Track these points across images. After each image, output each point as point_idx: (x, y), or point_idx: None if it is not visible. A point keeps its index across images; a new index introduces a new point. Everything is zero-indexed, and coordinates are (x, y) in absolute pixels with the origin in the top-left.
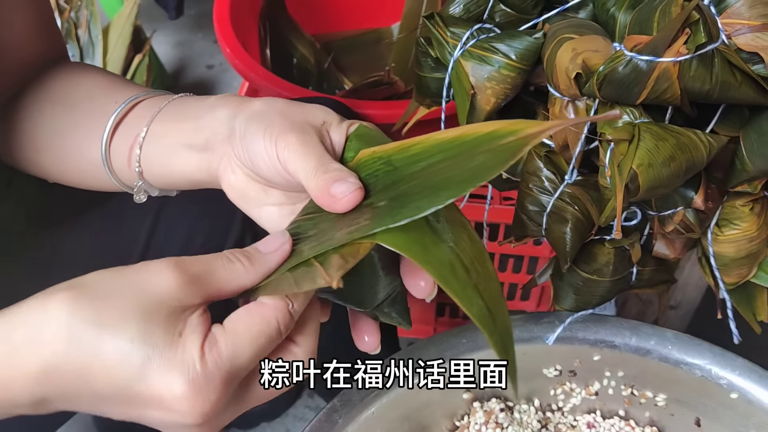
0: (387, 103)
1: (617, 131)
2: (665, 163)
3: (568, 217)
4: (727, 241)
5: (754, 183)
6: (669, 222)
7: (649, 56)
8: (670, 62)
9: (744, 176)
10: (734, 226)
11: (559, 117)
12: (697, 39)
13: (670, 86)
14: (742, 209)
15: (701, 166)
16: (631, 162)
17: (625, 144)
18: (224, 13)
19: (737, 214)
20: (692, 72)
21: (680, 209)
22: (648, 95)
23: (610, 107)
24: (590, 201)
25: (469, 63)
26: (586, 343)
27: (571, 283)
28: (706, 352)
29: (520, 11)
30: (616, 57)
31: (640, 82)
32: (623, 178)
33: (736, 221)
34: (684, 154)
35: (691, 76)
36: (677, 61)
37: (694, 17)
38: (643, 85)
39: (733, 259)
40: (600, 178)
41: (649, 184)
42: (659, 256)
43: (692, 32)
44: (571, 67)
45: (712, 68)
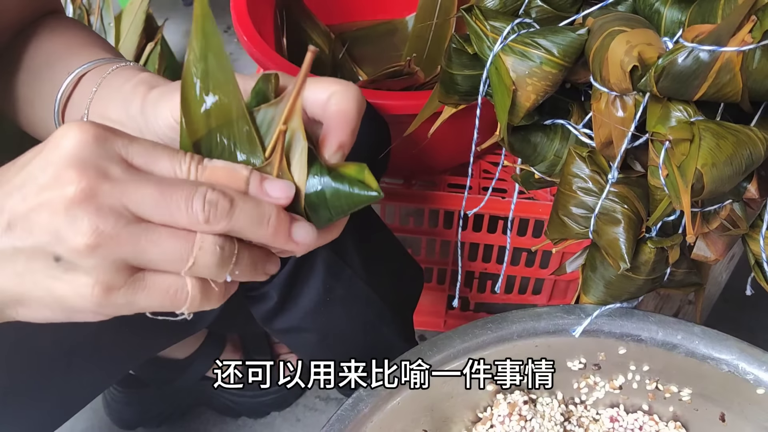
0: (406, 94)
1: (676, 130)
2: (727, 161)
3: (619, 217)
4: None
5: None
6: (714, 218)
7: (712, 46)
8: (733, 52)
9: None
10: None
11: (605, 113)
12: (765, 25)
13: (732, 79)
14: None
15: (759, 162)
16: (696, 162)
17: (685, 144)
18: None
19: None
20: (756, 64)
21: (728, 203)
22: (708, 89)
23: (663, 103)
24: (637, 199)
25: (509, 58)
26: (612, 336)
27: (604, 277)
28: (734, 348)
29: (557, 8)
30: (677, 48)
31: (700, 75)
32: (688, 179)
33: None
34: (744, 151)
35: (754, 68)
36: (741, 50)
37: (762, 2)
38: (704, 78)
39: None
40: (651, 177)
41: (714, 184)
42: (699, 259)
43: (759, 19)
44: (627, 60)
45: None
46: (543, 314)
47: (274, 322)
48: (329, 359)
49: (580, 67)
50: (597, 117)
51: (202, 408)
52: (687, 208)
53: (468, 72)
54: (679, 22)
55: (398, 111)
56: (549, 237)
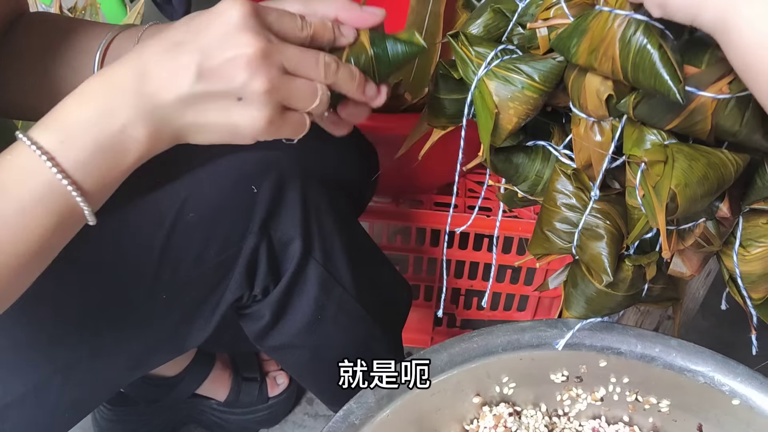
0: (394, 116)
1: (651, 153)
2: (700, 182)
3: (602, 232)
4: (754, 259)
5: None
6: (689, 236)
7: (692, 88)
8: (709, 98)
9: (764, 193)
10: (759, 244)
11: (585, 137)
12: (742, 84)
13: (703, 120)
14: (765, 227)
15: (730, 183)
16: (670, 182)
17: (660, 165)
18: None
19: (761, 231)
20: (727, 111)
21: (702, 221)
22: (679, 123)
23: (638, 127)
24: (618, 216)
25: (493, 82)
26: (593, 349)
27: (585, 293)
28: (709, 360)
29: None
30: None
31: (675, 110)
32: (663, 198)
33: (761, 239)
34: (715, 172)
35: (725, 114)
36: (717, 98)
37: None
38: (678, 113)
39: (761, 275)
40: (628, 198)
41: (687, 203)
42: (675, 274)
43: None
44: (603, 89)
45: (745, 111)
46: (527, 328)
47: (266, 340)
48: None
49: (560, 91)
50: (577, 141)
51: (192, 426)
52: (662, 226)
53: (454, 96)
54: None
55: (386, 132)
56: (532, 252)
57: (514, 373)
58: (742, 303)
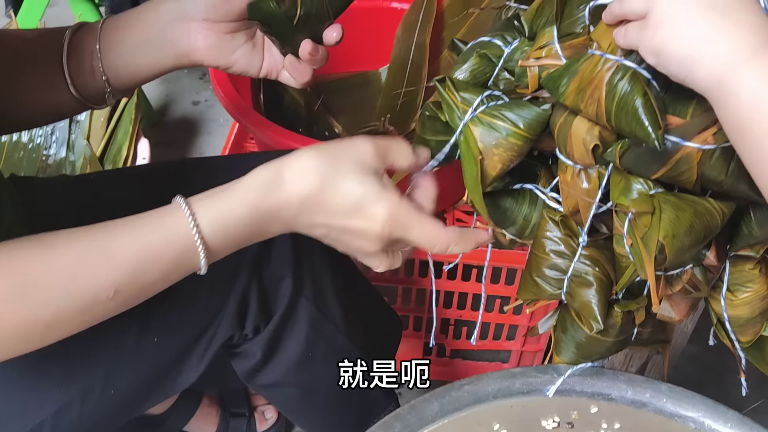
0: None
1: (638, 203)
2: (687, 232)
3: (591, 279)
4: (741, 303)
5: (757, 247)
6: (677, 281)
7: (677, 138)
8: (695, 148)
9: (750, 240)
10: (746, 288)
11: (571, 184)
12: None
13: (688, 170)
14: (752, 272)
15: (716, 232)
16: (657, 234)
17: (647, 216)
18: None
19: (748, 277)
20: (712, 161)
21: (689, 267)
22: (665, 173)
23: (624, 176)
24: (607, 261)
25: (478, 128)
26: (584, 395)
27: (575, 338)
28: (699, 405)
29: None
30: None
31: (661, 160)
32: (651, 250)
33: (747, 284)
34: (702, 222)
35: (710, 164)
36: (702, 148)
37: None
38: (664, 163)
39: (749, 319)
40: (616, 246)
41: (675, 254)
42: (664, 319)
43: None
44: (589, 139)
45: (730, 161)
46: (517, 374)
47: (257, 378)
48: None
49: (546, 136)
50: (564, 188)
51: None
52: (651, 278)
53: (440, 138)
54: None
55: None
56: (522, 297)
57: (506, 420)
58: (730, 346)
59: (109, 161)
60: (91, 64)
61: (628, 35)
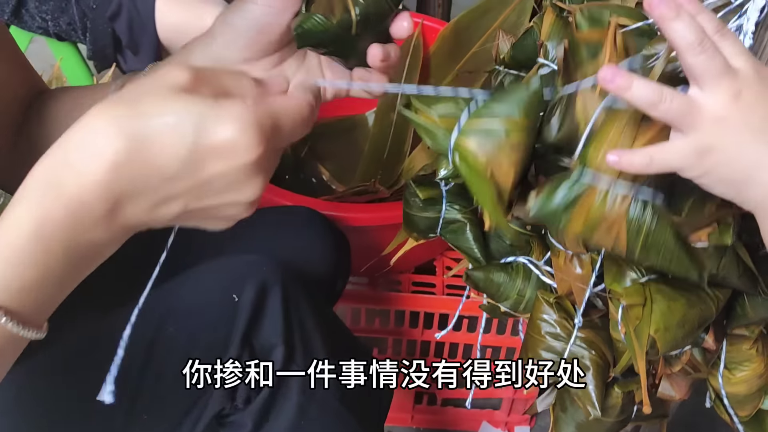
0: (369, 207)
1: (630, 294)
2: (680, 324)
3: (588, 363)
4: (739, 382)
5: (752, 327)
6: (676, 362)
7: None
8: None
9: (743, 321)
10: (743, 367)
11: (565, 270)
12: (724, 239)
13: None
14: (749, 352)
15: (712, 319)
16: (649, 328)
17: (638, 308)
18: None
19: (745, 356)
20: (705, 257)
21: (687, 348)
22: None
23: (617, 263)
24: (603, 343)
25: (471, 139)
26: None
27: (575, 418)
28: None
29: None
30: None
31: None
32: (642, 343)
33: (745, 363)
34: (695, 311)
35: (704, 259)
36: (696, 246)
37: (727, 220)
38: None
39: (747, 395)
40: (612, 330)
41: (667, 346)
42: (664, 398)
43: (720, 229)
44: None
45: (722, 257)
46: None
47: None
48: None
49: None
50: (557, 272)
51: None
52: (642, 373)
53: (423, 214)
54: None
55: (361, 223)
56: None
57: None
58: (728, 421)
59: None
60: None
61: (665, 162)
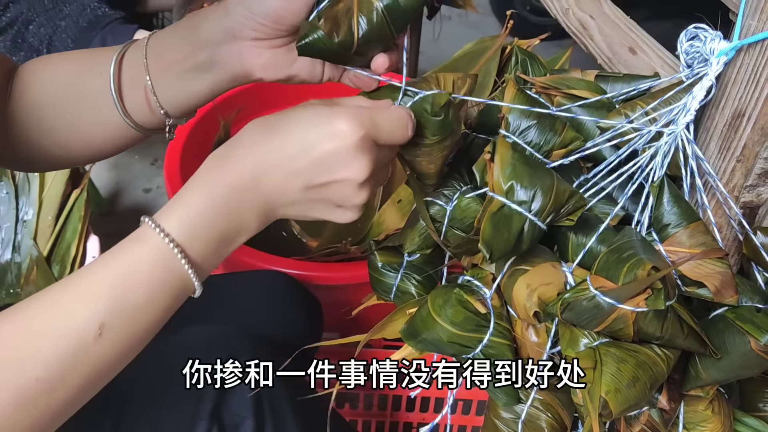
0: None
1: (582, 357)
2: (630, 384)
3: (543, 425)
4: None
5: (707, 389)
6: (635, 422)
7: (612, 300)
8: (628, 310)
9: (698, 383)
10: (702, 427)
11: (522, 337)
12: (657, 304)
13: (626, 327)
14: (704, 413)
15: (663, 378)
16: (599, 389)
17: (590, 371)
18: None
19: (701, 416)
20: (647, 321)
21: (645, 409)
22: (604, 329)
23: (570, 329)
24: (561, 406)
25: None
26: None
27: None
28: None
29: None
30: (582, 290)
31: (599, 317)
32: (595, 405)
33: (702, 423)
34: (645, 372)
35: (645, 323)
36: (635, 311)
37: (658, 285)
38: (602, 320)
39: None
40: (573, 395)
41: (620, 407)
42: None
43: (654, 295)
44: (529, 305)
45: (664, 320)
46: None
47: None
48: None
49: None
50: (517, 338)
51: None
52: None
53: (383, 278)
54: (582, 245)
55: (332, 282)
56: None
57: None
58: None
59: (57, 261)
60: (146, 98)
61: None
